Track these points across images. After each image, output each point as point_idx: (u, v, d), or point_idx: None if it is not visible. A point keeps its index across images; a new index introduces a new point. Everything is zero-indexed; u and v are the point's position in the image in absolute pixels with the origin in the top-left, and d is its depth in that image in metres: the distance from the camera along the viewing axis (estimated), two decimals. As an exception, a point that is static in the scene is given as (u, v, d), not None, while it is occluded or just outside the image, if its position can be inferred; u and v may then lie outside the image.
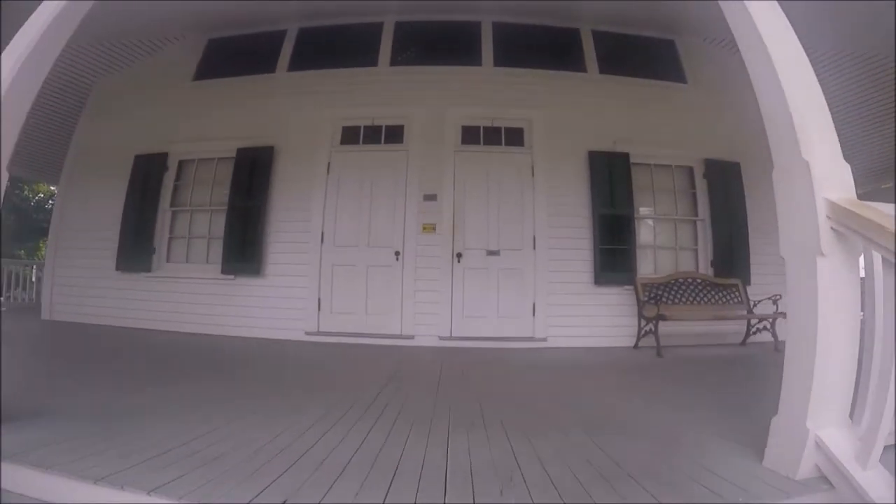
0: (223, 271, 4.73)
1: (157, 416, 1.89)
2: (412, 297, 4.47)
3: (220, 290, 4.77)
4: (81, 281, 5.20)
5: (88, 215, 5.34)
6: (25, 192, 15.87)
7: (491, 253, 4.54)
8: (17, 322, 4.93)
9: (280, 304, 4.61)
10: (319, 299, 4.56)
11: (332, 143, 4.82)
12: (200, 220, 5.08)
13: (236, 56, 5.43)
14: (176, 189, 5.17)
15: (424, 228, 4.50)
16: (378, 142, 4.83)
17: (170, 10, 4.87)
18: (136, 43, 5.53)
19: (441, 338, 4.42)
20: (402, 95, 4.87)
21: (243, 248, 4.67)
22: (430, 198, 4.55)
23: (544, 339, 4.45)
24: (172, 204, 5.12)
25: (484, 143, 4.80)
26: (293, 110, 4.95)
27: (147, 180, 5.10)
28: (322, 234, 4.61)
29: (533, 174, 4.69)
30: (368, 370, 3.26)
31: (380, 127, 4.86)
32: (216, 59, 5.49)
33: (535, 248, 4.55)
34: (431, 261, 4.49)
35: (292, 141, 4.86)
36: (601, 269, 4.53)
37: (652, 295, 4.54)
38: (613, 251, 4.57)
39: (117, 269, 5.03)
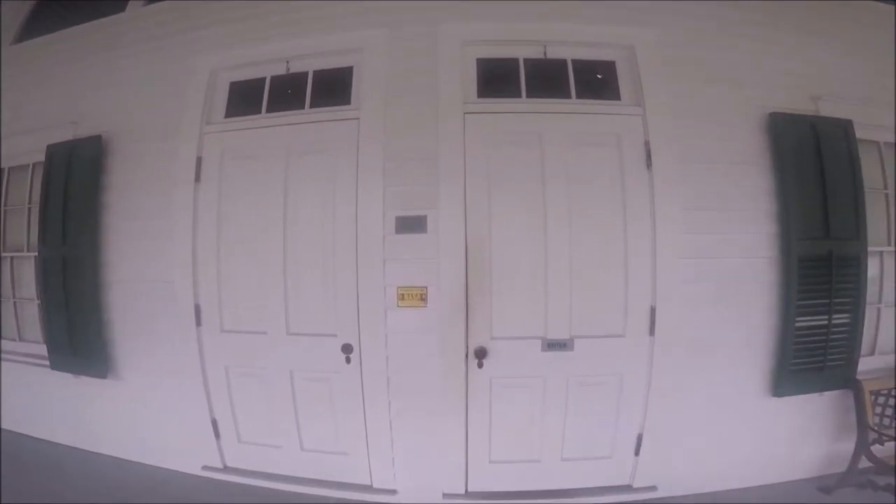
0: (53, 366, 2.62)
1: None
2: (387, 428, 2.22)
3: (64, 388, 2.69)
4: None
5: None
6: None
7: (553, 346, 2.07)
8: None
9: (153, 420, 2.52)
10: (214, 420, 2.39)
11: (209, 116, 2.39)
12: (26, 270, 2.91)
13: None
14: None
15: (403, 297, 2.10)
16: (300, 105, 2.32)
17: None
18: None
19: (447, 495, 2.23)
20: (347, 6, 2.32)
21: (72, 332, 2.48)
22: (412, 225, 2.10)
23: (653, 489, 2.23)
24: (-22, 242, 2.96)
25: (528, 96, 2.22)
26: (143, 65, 2.54)
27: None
28: (196, 308, 2.30)
29: (649, 163, 2.12)
30: None
31: (303, 74, 2.35)
32: (50, 8, 3.15)
33: (653, 331, 2.07)
34: (419, 363, 2.12)
35: (137, 121, 2.48)
36: (789, 370, 2.08)
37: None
38: (822, 330, 2.07)
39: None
